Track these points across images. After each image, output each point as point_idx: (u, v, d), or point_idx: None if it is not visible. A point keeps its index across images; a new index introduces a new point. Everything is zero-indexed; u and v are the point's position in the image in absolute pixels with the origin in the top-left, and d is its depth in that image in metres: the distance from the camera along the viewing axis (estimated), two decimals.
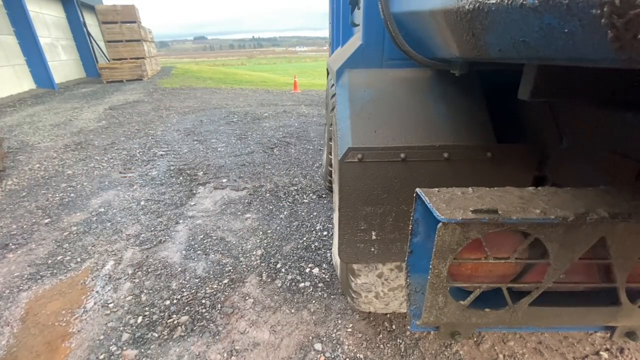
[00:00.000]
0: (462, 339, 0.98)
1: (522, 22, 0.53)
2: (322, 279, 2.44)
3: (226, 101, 9.51)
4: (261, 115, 7.68)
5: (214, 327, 2.06)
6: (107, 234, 3.10)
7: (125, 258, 2.75)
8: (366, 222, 1.35)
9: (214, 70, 19.05)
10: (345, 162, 1.28)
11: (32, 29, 11.07)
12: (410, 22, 1.15)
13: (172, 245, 2.91)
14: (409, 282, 0.97)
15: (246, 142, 5.70)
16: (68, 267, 2.67)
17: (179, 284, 2.43)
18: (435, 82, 1.47)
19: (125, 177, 4.36)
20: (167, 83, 13.04)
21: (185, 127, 6.74)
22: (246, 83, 13.77)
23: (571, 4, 0.42)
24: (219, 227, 3.15)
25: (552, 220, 0.73)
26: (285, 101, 9.61)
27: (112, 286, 2.44)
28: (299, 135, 6.09)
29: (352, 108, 1.40)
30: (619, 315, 0.86)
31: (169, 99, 9.77)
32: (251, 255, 2.74)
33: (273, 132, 6.25)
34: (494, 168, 1.27)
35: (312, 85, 14.55)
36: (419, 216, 0.90)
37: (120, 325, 2.10)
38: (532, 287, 0.84)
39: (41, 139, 6.12)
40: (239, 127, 6.68)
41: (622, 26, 0.36)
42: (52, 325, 2.13)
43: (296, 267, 2.58)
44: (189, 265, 2.64)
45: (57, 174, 4.51)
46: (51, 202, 3.72)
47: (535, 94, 0.79)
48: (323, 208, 3.46)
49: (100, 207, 3.60)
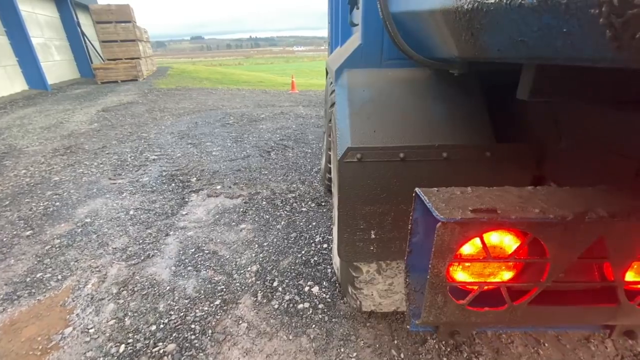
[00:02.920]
0: (461, 338, 1.00)
1: (520, 22, 0.53)
2: (322, 299, 2.24)
3: (222, 102, 9.30)
4: (258, 116, 7.48)
5: (204, 358, 1.87)
6: (91, 247, 2.90)
7: (110, 275, 2.55)
8: (365, 221, 1.35)
9: (211, 70, 18.81)
10: (344, 162, 1.29)
11: (24, 29, 10.83)
12: (409, 22, 1.15)
13: (161, 260, 2.71)
14: (408, 282, 0.98)
15: (242, 145, 5.50)
16: (48, 286, 2.47)
17: (166, 306, 2.23)
18: (434, 82, 1.47)
19: (114, 184, 4.16)
20: (163, 84, 12.81)
21: (179, 129, 6.53)
22: (243, 83, 13.56)
23: (569, 3, 0.41)
24: (211, 240, 2.95)
25: (551, 219, 0.73)
26: (282, 102, 9.41)
27: (94, 308, 2.24)
28: (296, 137, 5.89)
29: (351, 108, 1.41)
30: (617, 314, 0.86)
31: (164, 100, 9.55)
32: (246, 271, 2.54)
33: (270, 135, 6.05)
34: (493, 167, 1.27)
35: (310, 85, 14.35)
36: (418, 216, 0.91)
37: (100, 356, 1.90)
38: (531, 286, 0.84)
39: (30, 142, 5.91)
40: (234, 129, 6.48)
41: (620, 26, 0.36)
42: (26, 355, 1.93)
43: (294, 285, 2.38)
44: (178, 283, 2.44)
45: (43, 180, 4.30)
46: (34, 212, 3.52)
47: (534, 93, 0.78)
48: (322, 217, 3.27)
49: (87, 217, 3.40)
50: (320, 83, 15.43)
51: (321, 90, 11.79)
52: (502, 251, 0.84)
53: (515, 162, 1.26)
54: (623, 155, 0.94)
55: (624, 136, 0.94)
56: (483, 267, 0.88)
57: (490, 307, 0.87)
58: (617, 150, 0.96)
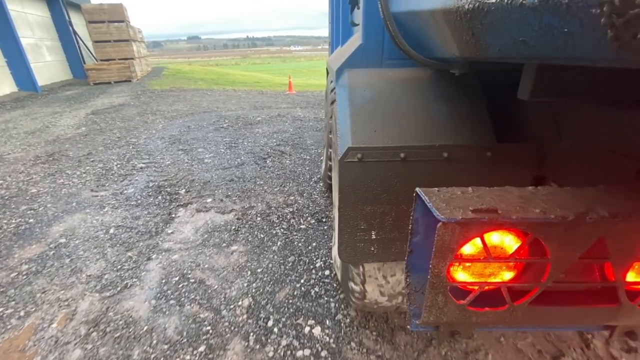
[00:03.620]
0: (462, 338, 0.95)
1: (521, 22, 0.53)
2: (325, 344, 1.91)
3: (217, 104, 8.96)
4: (254, 119, 7.13)
5: None
6: (63, 274, 2.56)
7: (80, 311, 2.22)
8: (366, 221, 1.33)
9: (207, 70, 18.41)
10: (345, 162, 1.28)
11: (13, 29, 10.47)
12: (410, 21, 1.16)
13: (140, 291, 2.37)
14: (408, 282, 0.97)
15: (236, 151, 5.16)
16: (7, 325, 2.13)
17: (142, 353, 1.90)
18: (434, 82, 1.46)
19: (96, 197, 3.82)
20: (157, 84, 12.46)
21: (170, 134, 6.18)
22: (239, 84, 13.21)
23: (571, 3, 0.42)
24: (198, 265, 2.61)
25: (551, 219, 0.74)
26: (279, 103, 9.08)
27: (57, 355, 1.91)
28: (294, 142, 5.55)
29: (352, 108, 1.40)
30: (618, 314, 0.86)
31: (157, 102, 9.20)
32: (236, 306, 2.21)
33: (266, 140, 5.72)
34: (493, 167, 1.26)
35: (307, 85, 13.99)
36: (419, 216, 0.90)
37: None
38: (532, 286, 0.84)
39: (12, 148, 5.56)
40: (229, 133, 6.14)
41: (621, 26, 0.36)
42: None
43: (292, 324, 2.05)
44: (157, 322, 2.11)
45: (19, 192, 3.96)
46: (5, 230, 3.17)
47: (535, 93, 0.78)
48: (323, 237, 2.94)
49: (62, 236, 3.06)
50: (318, 83, 15.10)
51: (319, 91, 11.47)
52: (502, 251, 0.84)
53: (516, 162, 1.25)
54: (624, 155, 0.94)
55: (624, 136, 0.93)
56: (484, 267, 0.87)
57: (490, 307, 0.87)
58: (618, 150, 0.96)
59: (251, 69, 34.43)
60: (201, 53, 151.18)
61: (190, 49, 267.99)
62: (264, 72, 28.84)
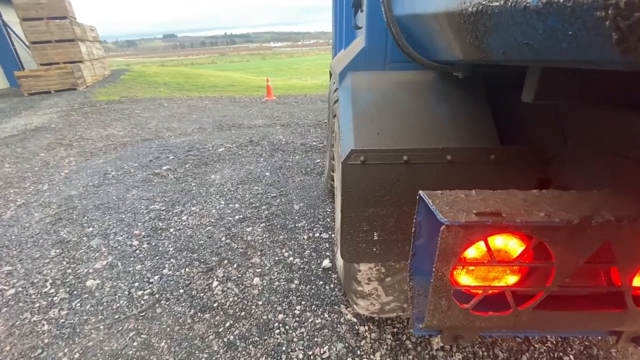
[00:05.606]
0: (465, 342, 0.92)
1: (525, 25, 0.52)
2: None
3: (170, 123, 6.66)
4: (212, 153, 4.84)
5: None
6: None
7: None
8: (368, 223, 1.32)
9: (175, 72, 15.91)
10: (348, 164, 1.27)
11: None
12: (413, 24, 1.15)
13: None
14: (411, 285, 0.95)
15: (162, 244, 2.76)
16: None
17: None
18: (438, 85, 1.45)
19: None
20: (105, 94, 10.10)
21: (69, 193, 3.80)
22: (209, 88, 11.00)
23: (575, 6, 0.40)
24: None
25: (556, 223, 0.71)
26: (254, 118, 6.87)
27: None
28: (272, 212, 3.19)
29: (355, 110, 1.39)
30: (625, 320, 0.83)
31: (88, 123, 6.87)
32: None
33: (225, 202, 3.40)
34: (497, 170, 1.24)
35: (288, 88, 11.75)
36: (422, 219, 0.88)
37: None
38: (536, 290, 0.81)
39: None
40: (164, 189, 3.80)
41: (626, 28, 0.35)
42: None
43: None
44: None
45: None
46: None
47: (539, 96, 0.76)
48: None
49: None
50: (301, 84, 13.17)
51: (303, 95, 9.85)
52: (506, 255, 0.83)
53: (520, 165, 1.23)
54: (629, 158, 0.91)
55: (630, 139, 0.90)
56: (487, 271, 0.86)
57: (494, 311, 0.85)
58: (624, 153, 0.93)
59: (227, 68, 31.87)
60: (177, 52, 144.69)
61: (166, 48, 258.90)
62: (241, 70, 26.46)
